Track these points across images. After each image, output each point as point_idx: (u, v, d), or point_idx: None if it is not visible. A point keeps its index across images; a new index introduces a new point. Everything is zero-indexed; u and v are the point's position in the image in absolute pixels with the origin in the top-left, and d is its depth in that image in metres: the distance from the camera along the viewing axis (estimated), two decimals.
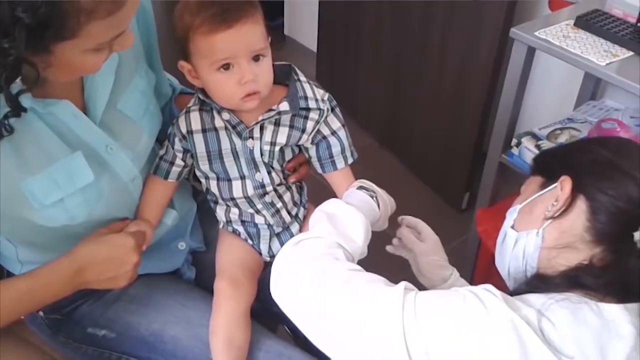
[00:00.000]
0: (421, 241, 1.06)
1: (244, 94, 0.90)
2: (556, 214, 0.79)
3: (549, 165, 0.87)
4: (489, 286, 0.72)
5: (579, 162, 0.82)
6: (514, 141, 1.61)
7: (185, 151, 1.00)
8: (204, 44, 0.88)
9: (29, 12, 0.63)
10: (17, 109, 0.74)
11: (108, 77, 0.89)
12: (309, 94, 0.96)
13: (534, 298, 0.72)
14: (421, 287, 0.88)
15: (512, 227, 0.87)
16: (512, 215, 0.88)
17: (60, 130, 0.84)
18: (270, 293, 0.87)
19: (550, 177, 0.83)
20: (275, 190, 1.01)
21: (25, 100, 0.76)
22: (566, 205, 0.79)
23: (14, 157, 0.80)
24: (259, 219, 1.04)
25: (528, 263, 0.82)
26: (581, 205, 0.78)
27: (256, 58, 0.90)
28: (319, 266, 0.80)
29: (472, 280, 1.74)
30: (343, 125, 1.01)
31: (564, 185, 0.79)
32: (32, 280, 0.85)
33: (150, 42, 1.01)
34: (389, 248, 1.12)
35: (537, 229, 0.81)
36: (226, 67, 0.89)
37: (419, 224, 1.08)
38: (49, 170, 0.83)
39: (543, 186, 0.84)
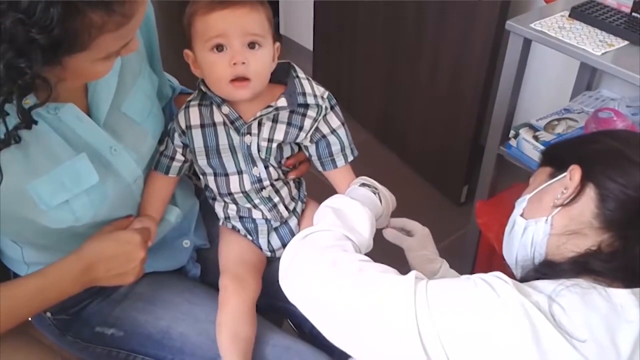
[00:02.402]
0: (410, 237, 1.05)
1: (233, 76, 0.90)
2: (565, 202, 0.80)
3: (558, 156, 0.88)
4: (500, 273, 0.73)
5: (588, 152, 0.83)
6: (512, 133, 1.62)
7: (185, 146, 1.01)
8: (200, 24, 0.90)
9: (44, 33, 0.63)
10: (29, 122, 0.75)
11: (111, 80, 0.89)
12: (308, 90, 0.97)
13: (544, 284, 0.73)
14: None
15: (521, 215, 0.87)
16: (521, 204, 0.89)
17: (65, 132, 0.85)
18: (275, 288, 0.88)
19: (559, 167, 0.84)
20: (272, 185, 1.02)
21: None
22: (575, 193, 0.79)
23: (20, 159, 0.80)
24: (256, 214, 1.05)
25: (536, 250, 0.83)
26: (590, 193, 0.79)
27: (252, 45, 0.90)
28: (328, 257, 0.80)
29: (473, 273, 1.74)
30: (343, 124, 1.01)
31: (573, 174, 0.80)
32: (41, 278, 0.86)
33: (152, 45, 1.02)
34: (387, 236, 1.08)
35: (546, 216, 0.82)
36: (219, 48, 0.90)
37: (406, 224, 1.07)
38: (54, 172, 0.83)
39: (552, 176, 0.85)
